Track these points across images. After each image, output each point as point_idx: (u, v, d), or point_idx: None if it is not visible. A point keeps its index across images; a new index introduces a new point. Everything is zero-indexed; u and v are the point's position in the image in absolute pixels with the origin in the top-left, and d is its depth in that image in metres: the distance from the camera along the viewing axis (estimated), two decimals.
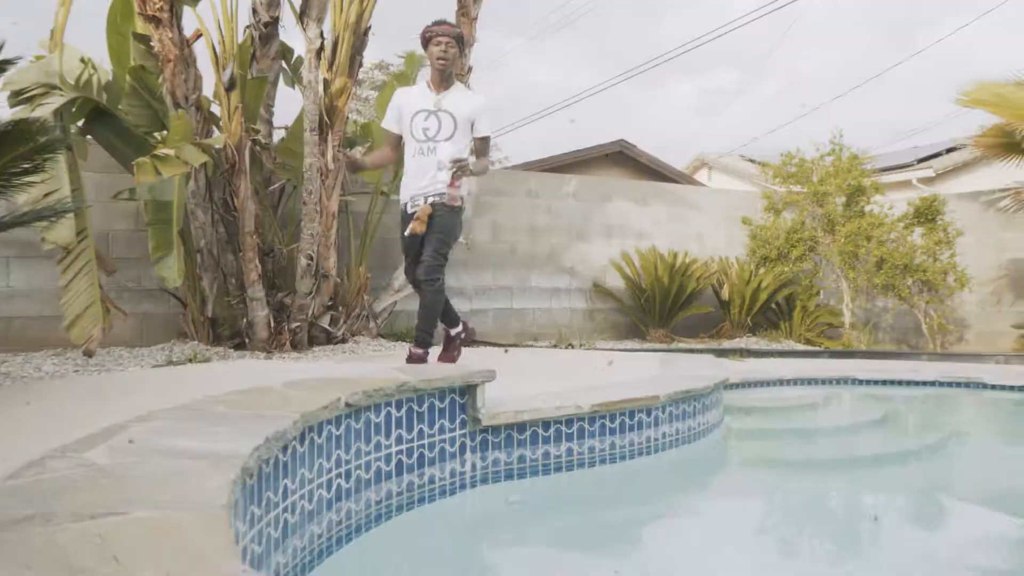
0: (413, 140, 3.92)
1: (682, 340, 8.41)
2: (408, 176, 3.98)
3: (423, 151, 3.91)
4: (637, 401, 3.63)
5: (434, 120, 3.90)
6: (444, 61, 3.91)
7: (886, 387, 6.09)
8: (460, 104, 3.95)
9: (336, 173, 5.82)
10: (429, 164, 3.87)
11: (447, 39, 3.90)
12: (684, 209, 9.10)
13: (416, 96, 4.02)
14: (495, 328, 7.98)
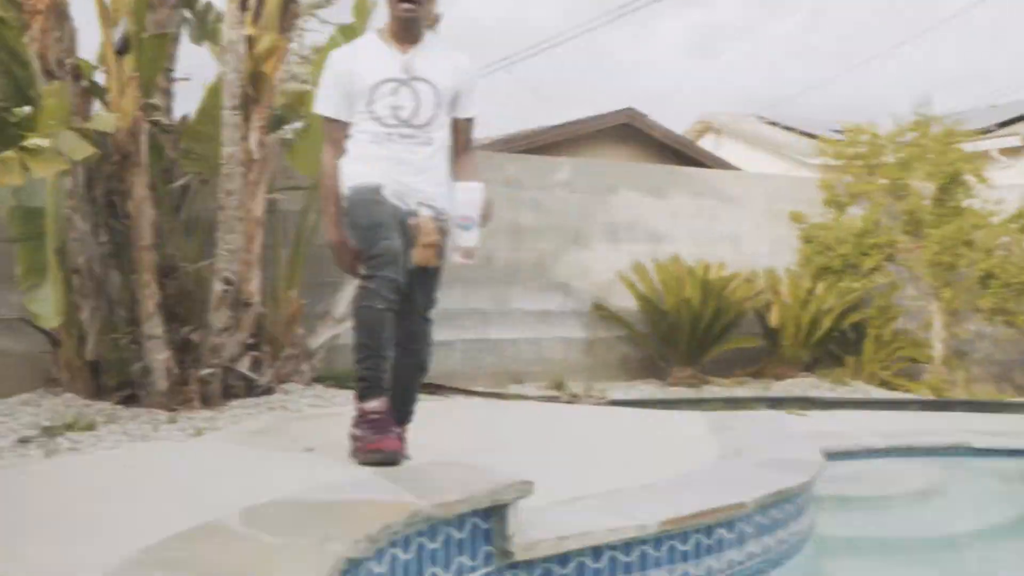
0: (376, 125, 3.64)
1: (715, 381, 8.62)
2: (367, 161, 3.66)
3: (394, 139, 3.63)
4: (718, 512, 3.45)
5: (408, 95, 3.62)
6: (414, 7, 3.60)
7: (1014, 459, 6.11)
8: (439, 68, 3.68)
9: (262, 164, 5.91)
10: (410, 159, 3.64)
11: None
12: (713, 201, 9.34)
13: (372, 57, 3.70)
14: (464, 366, 8.13)
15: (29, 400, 6.03)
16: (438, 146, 3.71)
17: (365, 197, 3.60)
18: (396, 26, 3.66)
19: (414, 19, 3.64)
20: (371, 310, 3.56)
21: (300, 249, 6.77)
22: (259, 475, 3.67)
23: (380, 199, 3.59)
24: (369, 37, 3.80)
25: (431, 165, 3.69)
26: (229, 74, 5.44)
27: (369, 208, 3.59)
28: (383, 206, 3.59)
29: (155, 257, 5.68)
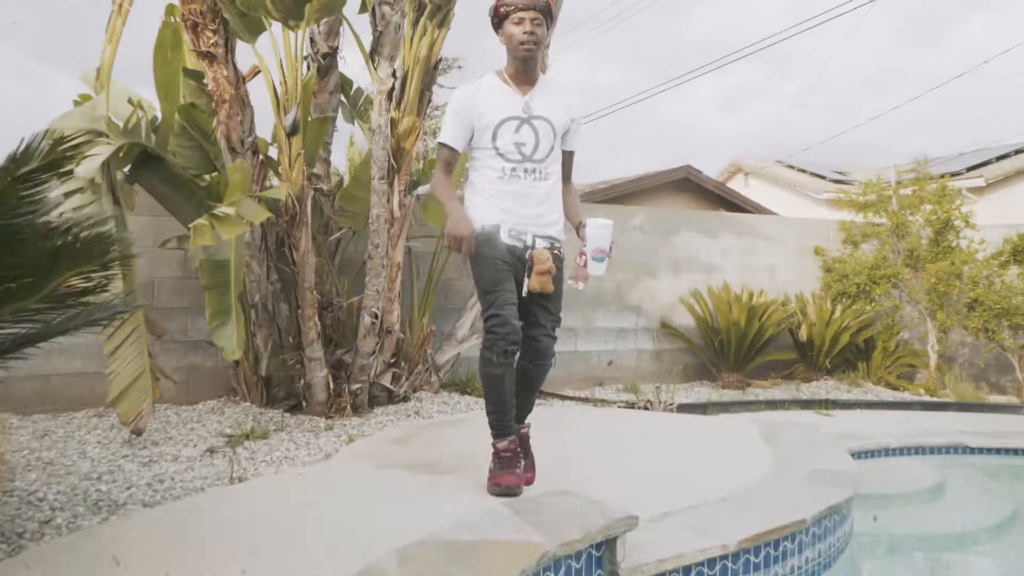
0: (500, 160, 3.01)
1: (756, 383, 7.81)
2: (493, 202, 3.02)
3: (519, 174, 3.01)
4: (784, 529, 3.08)
5: (529, 132, 2.99)
6: (531, 46, 2.92)
7: (1003, 457, 5.50)
8: (554, 106, 3.06)
9: (403, 220, 5.27)
10: (531, 192, 3.02)
11: (534, 14, 2.91)
12: (754, 240, 8.48)
13: (496, 97, 3.04)
14: (559, 373, 7.41)
15: (215, 408, 5.48)
16: (554, 180, 3.12)
17: (487, 252, 3.01)
18: (515, 67, 3.03)
19: (532, 59, 3.01)
20: (490, 374, 3.07)
21: (431, 284, 6.12)
22: (405, 505, 3.08)
23: (500, 251, 3.01)
24: (489, 79, 3.11)
25: (549, 197, 3.09)
26: (377, 151, 4.77)
27: (491, 265, 3.01)
28: (502, 258, 3.02)
29: (316, 296, 5.10)
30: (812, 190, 23.50)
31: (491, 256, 3.00)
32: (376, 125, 4.74)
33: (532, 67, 3.04)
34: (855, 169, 26.79)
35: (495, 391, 3.10)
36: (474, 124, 3.04)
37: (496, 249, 3.01)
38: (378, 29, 4.56)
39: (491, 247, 3.01)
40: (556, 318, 3.23)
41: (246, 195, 4.44)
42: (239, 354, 4.51)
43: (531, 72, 3.05)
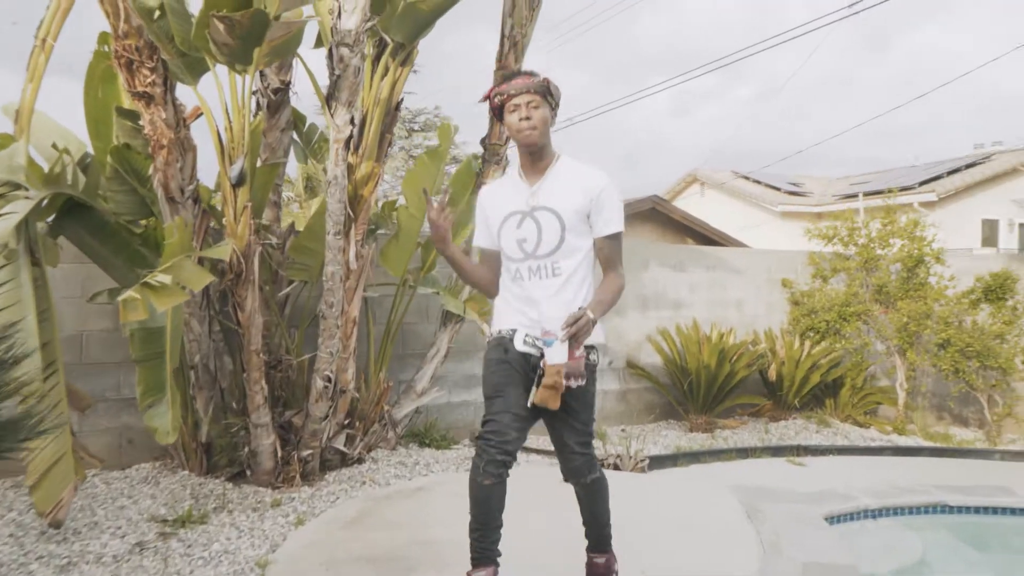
0: (507, 260, 2.82)
1: (723, 423, 7.60)
2: (507, 305, 2.84)
3: (521, 274, 2.77)
4: None
5: (531, 226, 2.74)
6: (531, 132, 2.72)
7: (982, 516, 5.37)
8: (565, 193, 2.76)
9: (359, 272, 4.88)
10: (535, 293, 2.75)
11: (529, 97, 2.70)
12: (723, 273, 8.27)
13: (506, 192, 2.88)
14: None
15: (148, 476, 4.98)
16: (567, 276, 2.77)
17: (492, 355, 2.82)
18: (522, 157, 2.83)
19: (535, 144, 2.76)
20: (477, 484, 2.70)
21: (389, 334, 5.72)
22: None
23: (509, 355, 2.76)
24: (509, 172, 2.97)
25: (559, 298, 2.74)
26: (333, 204, 4.36)
27: (494, 370, 2.78)
28: (510, 361, 2.76)
29: (263, 359, 4.67)
30: (768, 202, 23.70)
31: (495, 359, 2.80)
32: (332, 176, 4.33)
33: (538, 155, 2.80)
34: (808, 180, 27.12)
35: (480, 506, 2.72)
36: (488, 221, 2.90)
37: (503, 352, 2.78)
38: (336, 73, 4.15)
39: (498, 351, 2.80)
40: (583, 432, 2.89)
41: (186, 256, 3.99)
42: (174, 437, 4.07)
43: (538, 160, 2.81)
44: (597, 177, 2.81)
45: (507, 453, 2.69)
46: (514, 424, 2.70)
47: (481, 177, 5.69)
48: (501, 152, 5.68)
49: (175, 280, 3.70)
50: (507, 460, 2.69)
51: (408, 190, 5.26)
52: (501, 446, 2.67)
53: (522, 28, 5.51)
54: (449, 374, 6.55)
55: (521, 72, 2.82)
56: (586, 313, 2.63)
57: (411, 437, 6.29)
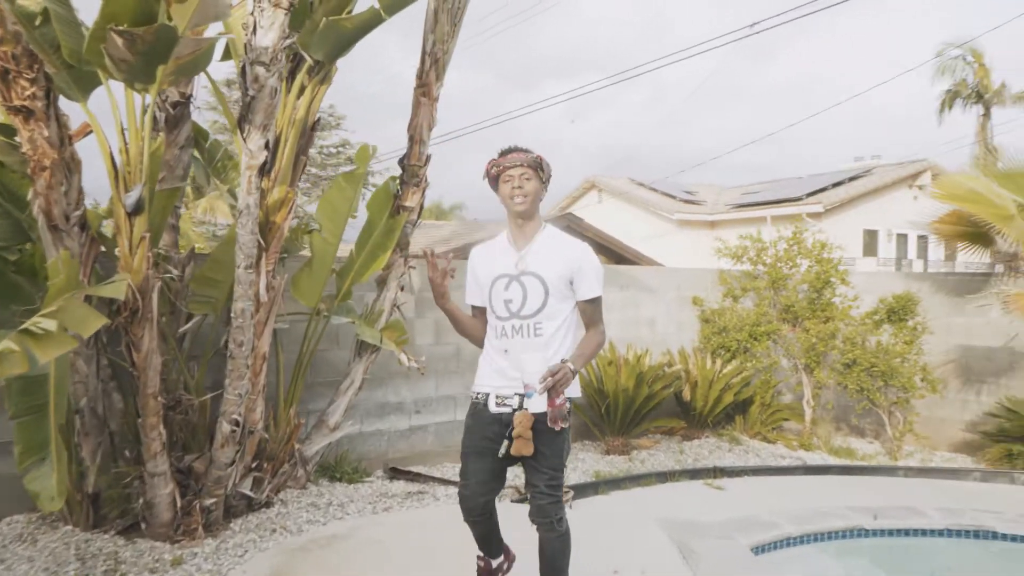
0: (493, 318, 3.09)
1: (638, 443, 7.58)
2: (488, 363, 3.12)
3: (506, 332, 3.03)
4: None
5: (517, 289, 3.04)
6: (523, 200, 3.03)
7: (898, 538, 5.50)
8: (549, 260, 3.07)
9: (270, 304, 4.50)
10: (518, 350, 2.98)
11: (523, 170, 3.04)
12: (636, 292, 8.26)
13: (495, 255, 3.19)
14: (437, 445, 6.84)
15: (24, 534, 4.40)
16: (549, 335, 3.02)
17: (470, 423, 3.15)
18: (512, 223, 3.13)
19: (525, 212, 3.07)
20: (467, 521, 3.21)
21: (301, 367, 5.34)
22: None
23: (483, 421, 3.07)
24: (499, 237, 3.23)
25: (539, 355, 2.93)
26: (244, 236, 3.98)
27: (469, 438, 3.13)
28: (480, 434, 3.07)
29: (161, 402, 4.23)
30: (664, 209, 24.24)
31: (471, 425, 3.13)
32: (244, 205, 3.94)
33: (527, 222, 3.10)
34: (701, 188, 27.92)
35: (475, 534, 3.28)
36: (479, 280, 3.17)
37: (479, 421, 3.09)
38: (249, 94, 3.77)
39: (475, 419, 3.11)
40: (552, 476, 3.05)
41: (72, 291, 3.53)
42: (60, 503, 3.60)
43: (526, 227, 3.10)
44: (578, 247, 3.14)
45: (473, 512, 3.12)
46: (481, 489, 3.08)
47: (400, 200, 5.40)
48: (421, 174, 5.41)
49: (61, 325, 3.26)
50: (476, 518, 3.15)
51: (322, 215, 4.91)
52: (468, 508, 3.12)
53: (443, 44, 5.26)
54: (361, 402, 6.22)
55: (517, 148, 3.09)
56: (567, 365, 2.85)
57: (321, 471, 5.93)
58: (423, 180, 5.44)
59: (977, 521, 5.53)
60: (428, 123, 5.38)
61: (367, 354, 5.49)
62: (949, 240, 8.17)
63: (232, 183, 5.17)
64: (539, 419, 2.90)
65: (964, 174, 7.53)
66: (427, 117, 5.36)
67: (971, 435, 8.21)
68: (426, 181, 5.47)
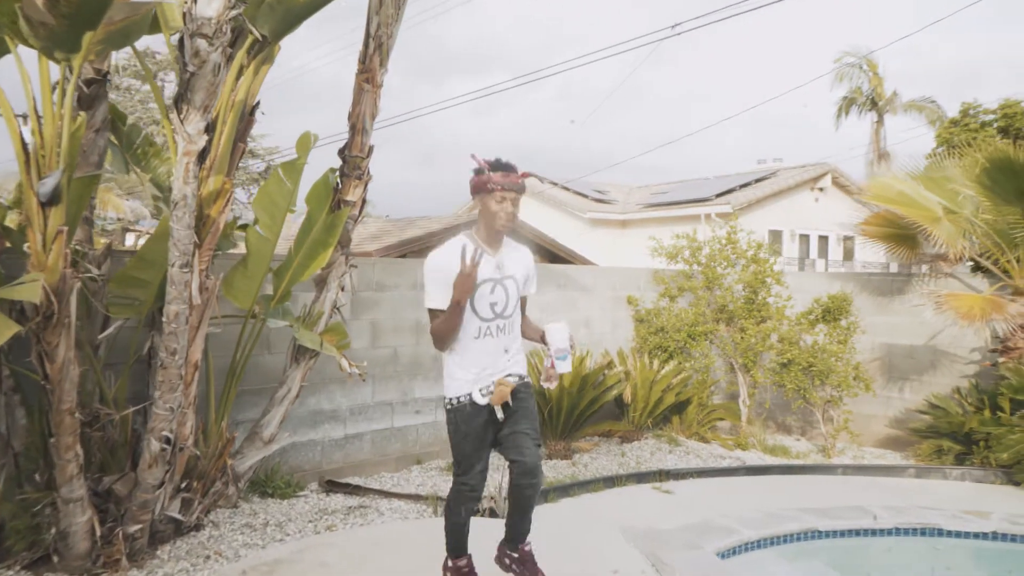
0: (476, 319, 3.22)
1: (578, 446, 7.39)
2: (468, 362, 3.24)
3: (491, 331, 3.25)
4: None
5: (501, 292, 3.26)
6: (511, 223, 3.26)
7: (851, 539, 5.44)
8: (517, 263, 3.39)
9: (203, 307, 4.04)
10: (499, 346, 3.27)
11: (514, 195, 3.20)
12: (573, 292, 8.08)
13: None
14: (373, 454, 6.44)
15: None
16: (517, 327, 3.40)
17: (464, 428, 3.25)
18: (489, 233, 3.26)
19: (508, 232, 3.34)
20: (455, 523, 3.44)
21: (234, 375, 4.86)
22: None
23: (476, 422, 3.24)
24: (461, 241, 3.24)
25: (515, 345, 3.36)
26: (180, 231, 3.51)
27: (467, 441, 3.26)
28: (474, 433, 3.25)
29: (79, 419, 3.71)
30: (577, 209, 24.33)
31: (466, 431, 3.24)
32: (179, 196, 3.48)
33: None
34: (611, 188, 28.20)
35: (457, 532, 3.47)
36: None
37: (471, 422, 3.23)
38: (189, 69, 3.32)
39: (467, 421, 3.23)
40: (535, 433, 3.32)
41: None
42: None
43: (502, 236, 3.33)
44: (529, 253, 3.56)
45: (477, 500, 3.35)
46: (483, 480, 3.34)
47: (341, 193, 5.00)
48: (363, 166, 5.04)
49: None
50: (476, 506, 3.38)
51: (260, 208, 4.47)
52: (474, 497, 3.33)
53: (388, 28, 4.90)
54: (294, 411, 5.76)
55: (513, 168, 3.20)
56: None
57: (251, 487, 5.46)
58: (365, 173, 5.07)
59: (923, 519, 5.57)
60: (371, 111, 5.01)
61: (305, 360, 5.07)
62: (877, 241, 8.32)
63: (154, 172, 4.65)
64: (520, 389, 3.30)
65: (894, 177, 7.69)
66: (370, 105, 4.99)
67: (895, 431, 8.41)
68: (368, 174, 5.10)
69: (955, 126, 15.08)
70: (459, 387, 3.24)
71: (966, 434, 7.10)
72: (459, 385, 3.24)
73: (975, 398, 7.43)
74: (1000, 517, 5.59)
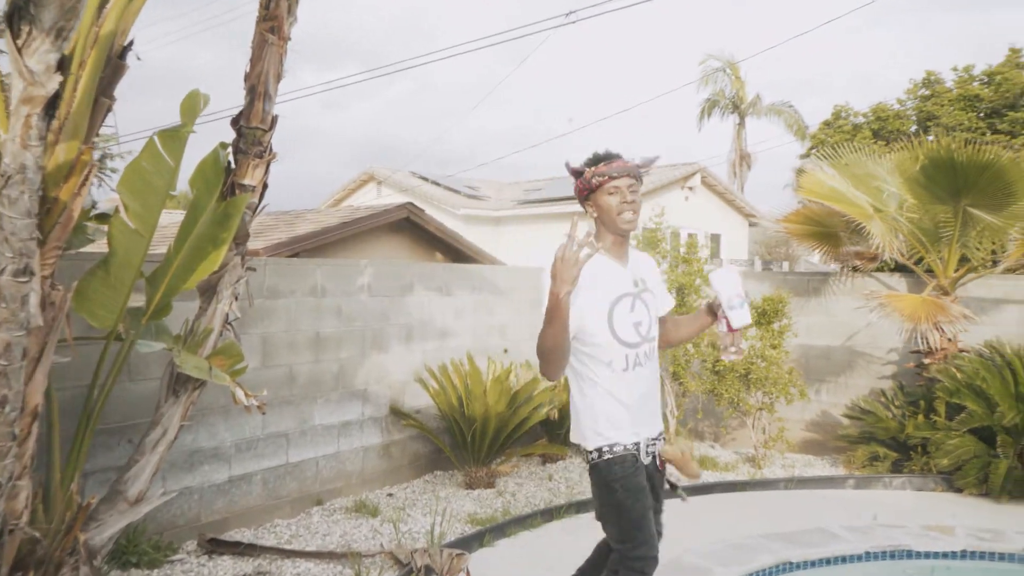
0: (619, 346, 2.58)
1: (501, 470, 6.52)
2: (619, 402, 2.59)
3: (639, 360, 2.62)
4: None
5: (643, 309, 2.69)
6: (634, 218, 2.64)
7: (821, 568, 4.91)
8: (650, 273, 2.85)
9: (47, 329, 2.81)
10: (651, 382, 2.71)
11: (630, 180, 2.62)
12: (488, 295, 7.17)
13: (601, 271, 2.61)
14: (265, 498, 5.27)
15: None
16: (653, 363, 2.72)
17: (635, 483, 2.61)
18: (616, 241, 2.65)
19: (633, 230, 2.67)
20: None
21: (89, 422, 3.58)
22: None
23: (641, 475, 2.63)
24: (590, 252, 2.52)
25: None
26: (18, 223, 2.32)
27: (631, 494, 2.59)
28: (644, 489, 2.64)
29: None
30: (450, 205, 23.37)
31: (634, 487, 2.62)
32: (14, 166, 2.26)
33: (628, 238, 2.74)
34: (482, 184, 27.47)
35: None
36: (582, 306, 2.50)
37: (641, 478, 2.65)
38: None
39: (636, 477, 2.63)
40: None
41: None
42: None
43: (627, 243, 2.74)
44: (648, 256, 2.98)
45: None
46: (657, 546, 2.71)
47: (236, 175, 3.85)
48: (265, 141, 3.91)
49: None
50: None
51: (128, 191, 3.24)
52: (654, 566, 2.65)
53: None
54: None
55: (610, 154, 2.67)
56: None
57: (109, 557, 4.19)
58: (268, 149, 3.95)
59: (891, 540, 5.19)
60: (276, 71, 3.90)
61: (187, 392, 3.87)
62: (798, 238, 7.97)
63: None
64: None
65: (824, 173, 7.31)
66: (275, 63, 3.88)
67: (814, 435, 8.11)
68: (272, 151, 3.98)
69: (829, 127, 15.37)
70: (617, 433, 2.59)
71: (901, 439, 6.80)
72: (616, 432, 2.59)
73: (902, 401, 7.18)
74: (965, 532, 5.28)
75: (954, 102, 13.94)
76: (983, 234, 6.75)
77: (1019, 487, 5.89)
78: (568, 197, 22.23)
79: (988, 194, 6.28)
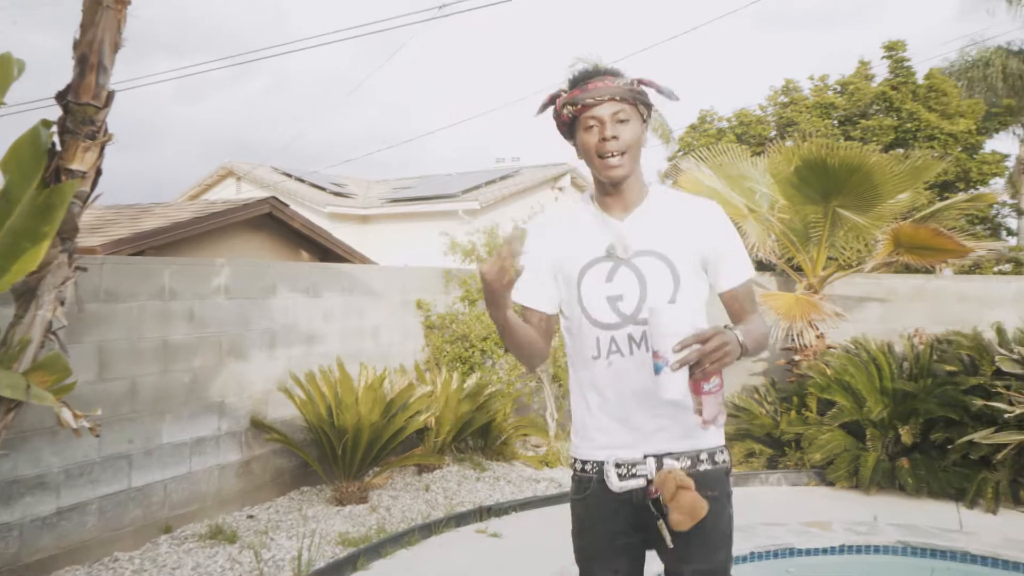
0: (591, 327, 1.95)
1: (374, 483, 6.13)
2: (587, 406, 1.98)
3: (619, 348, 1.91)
4: None
5: (630, 278, 1.93)
6: (617, 160, 1.89)
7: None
8: (676, 228, 1.97)
9: None
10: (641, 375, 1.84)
11: (615, 106, 1.86)
12: (359, 297, 6.74)
13: (580, 228, 2.02)
14: (102, 529, 4.66)
15: None
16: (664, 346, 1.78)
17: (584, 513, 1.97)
18: (605, 190, 1.95)
19: (621, 179, 1.91)
20: None
21: None
22: None
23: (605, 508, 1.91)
24: (578, 201, 2.04)
25: (673, 382, 1.70)
26: None
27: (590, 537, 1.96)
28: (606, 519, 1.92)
29: None
30: (315, 202, 22.48)
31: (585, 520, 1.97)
32: None
33: (629, 184, 1.95)
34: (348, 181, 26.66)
35: None
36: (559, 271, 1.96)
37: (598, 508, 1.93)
38: None
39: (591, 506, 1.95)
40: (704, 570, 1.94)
41: None
42: None
43: (628, 191, 1.96)
44: (713, 207, 2.08)
45: None
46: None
47: (62, 159, 3.30)
48: (98, 120, 3.38)
49: None
50: None
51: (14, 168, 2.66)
52: None
53: None
54: None
55: (601, 71, 1.93)
56: (732, 333, 1.73)
57: None
58: (103, 130, 3.42)
59: (774, 539, 5.21)
60: (113, 39, 3.38)
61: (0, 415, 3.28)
62: None
63: None
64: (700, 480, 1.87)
65: (702, 173, 7.36)
66: (111, 30, 3.35)
67: None
68: (108, 132, 3.45)
69: (695, 131, 15.82)
70: (580, 443, 2.01)
71: (775, 435, 6.93)
72: (580, 441, 2.00)
73: (775, 397, 7.34)
74: (842, 527, 5.40)
75: (811, 109, 14.70)
76: (850, 234, 6.99)
77: (887, 478, 6.08)
78: (440, 196, 21.92)
79: (857, 195, 6.49)
